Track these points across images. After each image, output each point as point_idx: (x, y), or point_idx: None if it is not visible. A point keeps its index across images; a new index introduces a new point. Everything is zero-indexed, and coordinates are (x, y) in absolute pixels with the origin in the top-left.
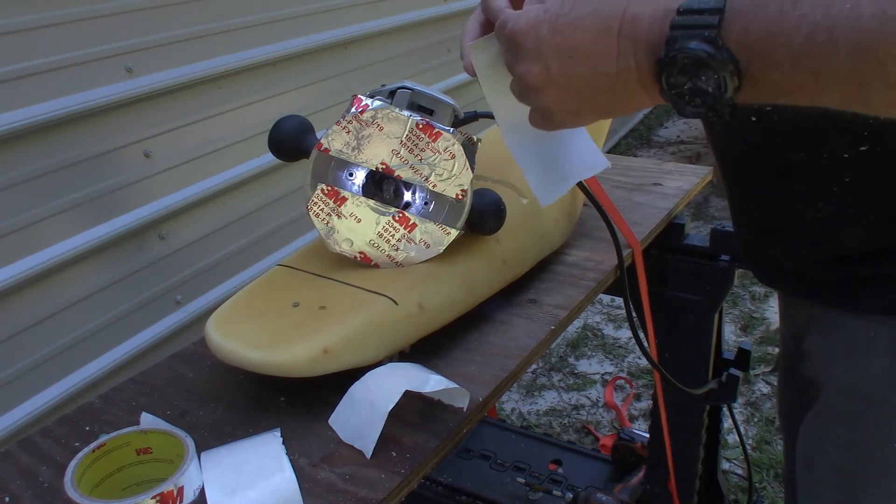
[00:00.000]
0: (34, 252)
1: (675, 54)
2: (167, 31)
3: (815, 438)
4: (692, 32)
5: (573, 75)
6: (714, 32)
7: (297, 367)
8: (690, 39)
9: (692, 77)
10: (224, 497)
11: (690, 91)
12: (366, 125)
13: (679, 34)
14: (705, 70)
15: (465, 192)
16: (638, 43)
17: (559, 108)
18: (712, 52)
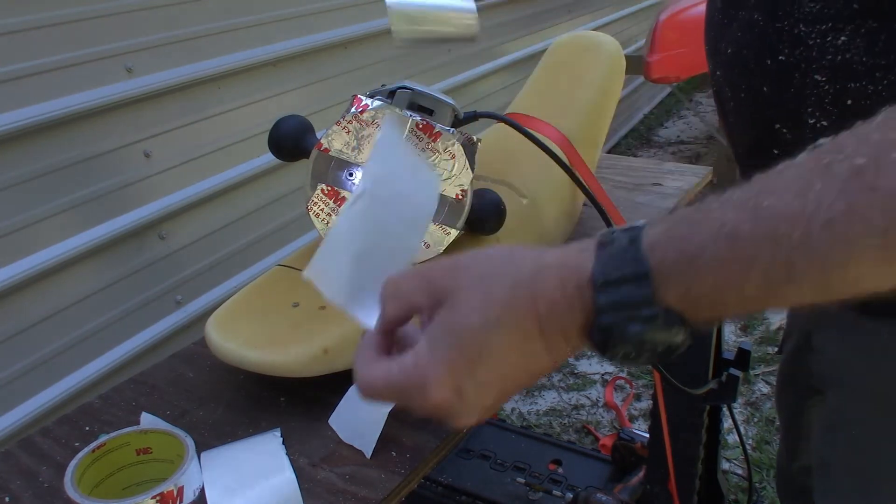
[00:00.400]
0: (34, 252)
1: (615, 339)
2: (167, 31)
3: (831, 439)
4: (625, 314)
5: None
6: (652, 309)
7: (297, 367)
8: (628, 324)
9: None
10: (224, 497)
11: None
12: (366, 125)
13: (610, 321)
14: (650, 342)
15: (465, 193)
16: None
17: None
18: (653, 329)
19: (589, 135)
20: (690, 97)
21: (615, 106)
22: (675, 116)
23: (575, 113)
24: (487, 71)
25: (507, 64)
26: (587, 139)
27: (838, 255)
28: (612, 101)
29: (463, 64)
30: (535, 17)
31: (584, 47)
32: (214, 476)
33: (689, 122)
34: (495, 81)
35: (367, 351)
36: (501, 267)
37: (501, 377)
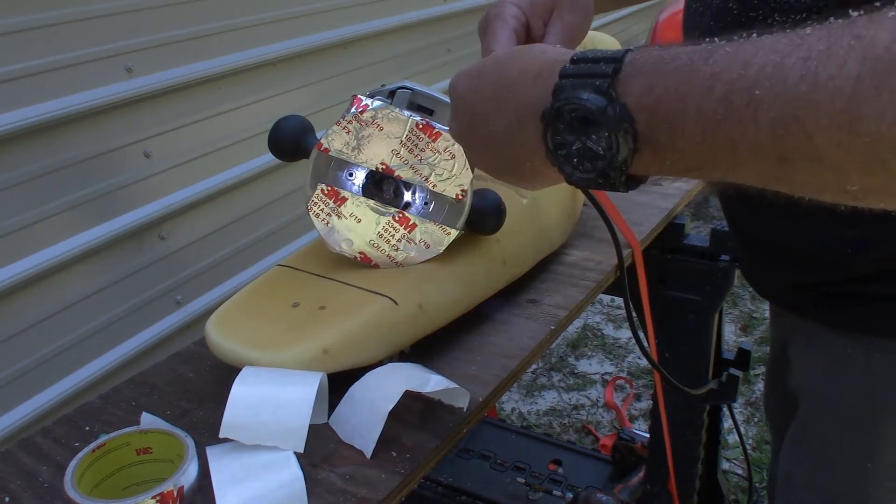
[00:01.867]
0: (34, 252)
1: (561, 105)
2: (167, 31)
3: (794, 453)
4: (582, 81)
5: (475, 132)
6: (606, 83)
7: (297, 367)
8: (579, 89)
9: (580, 135)
10: (230, 486)
11: (578, 153)
12: (366, 125)
13: (567, 83)
14: (595, 127)
15: (465, 193)
16: (526, 98)
17: (477, 161)
18: (603, 105)
19: None
20: None
21: None
22: None
23: None
24: None
25: None
26: None
27: (803, 94)
28: None
29: (463, 64)
30: None
31: (584, 47)
32: (221, 466)
33: None
34: None
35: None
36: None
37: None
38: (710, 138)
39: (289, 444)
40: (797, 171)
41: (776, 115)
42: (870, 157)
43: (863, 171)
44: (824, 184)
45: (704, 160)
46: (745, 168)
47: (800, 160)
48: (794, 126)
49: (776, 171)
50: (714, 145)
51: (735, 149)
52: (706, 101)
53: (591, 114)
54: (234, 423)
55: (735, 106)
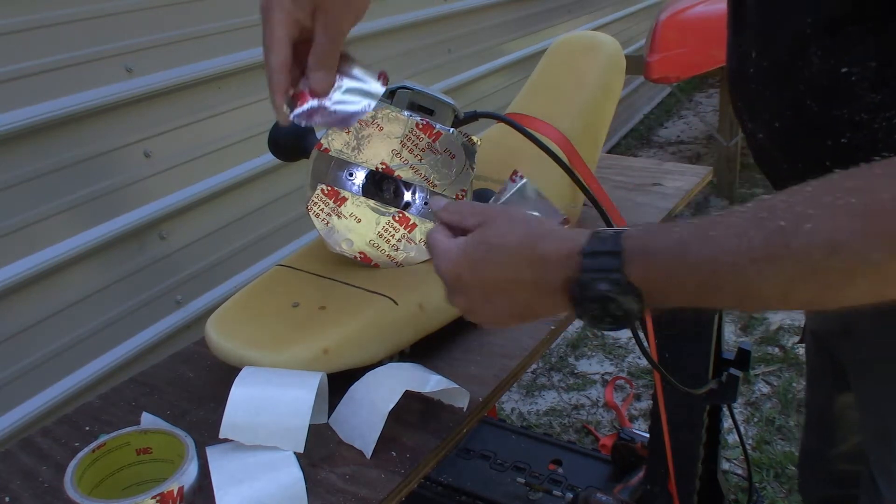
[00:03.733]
0: (34, 252)
1: (588, 293)
2: (167, 31)
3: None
4: (599, 276)
5: (492, 304)
6: (619, 275)
7: (297, 368)
8: (599, 283)
9: (603, 307)
10: (230, 486)
11: (601, 314)
12: (366, 125)
13: (587, 278)
14: (613, 302)
15: (465, 193)
16: (549, 283)
17: (485, 319)
18: (617, 291)
19: (589, 135)
20: (690, 97)
21: (615, 106)
22: (675, 116)
23: (575, 113)
24: (487, 71)
25: (507, 64)
26: (587, 139)
27: (753, 284)
28: (612, 101)
29: (463, 64)
30: (535, 17)
31: (584, 47)
32: (221, 465)
33: (689, 122)
34: (495, 81)
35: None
36: (522, 223)
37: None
38: (695, 301)
39: (289, 445)
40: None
41: (737, 293)
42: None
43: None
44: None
45: (699, 305)
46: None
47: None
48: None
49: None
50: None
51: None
52: (687, 285)
53: (608, 296)
54: (233, 424)
55: (707, 288)
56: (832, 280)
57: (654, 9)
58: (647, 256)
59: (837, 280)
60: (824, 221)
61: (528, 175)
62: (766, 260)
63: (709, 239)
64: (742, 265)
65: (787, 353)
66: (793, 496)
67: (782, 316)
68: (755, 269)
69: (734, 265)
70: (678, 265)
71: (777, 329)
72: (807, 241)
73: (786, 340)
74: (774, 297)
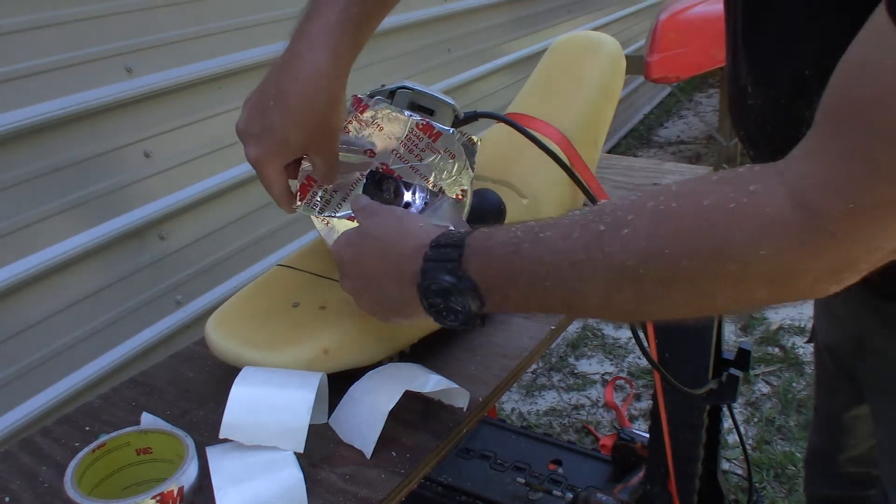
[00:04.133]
0: (34, 252)
1: (429, 283)
2: (167, 31)
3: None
4: (439, 265)
5: (368, 292)
6: (455, 265)
7: (296, 368)
8: (438, 271)
9: (444, 299)
10: (230, 485)
11: (445, 309)
12: (365, 125)
13: (430, 266)
14: (452, 295)
15: (465, 193)
16: (404, 274)
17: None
18: (455, 282)
19: (589, 135)
20: (690, 97)
21: (615, 106)
22: (675, 116)
23: (575, 113)
24: (487, 71)
25: (507, 64)
26: (587, 139)
27: (575, 287)
28: (612, 101)
29: (463, 64)
30: (535, 17)
31: (584, 47)
32: (221, 465)
33: (689, 122)
34: (495, 81)
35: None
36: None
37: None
38: (529, 303)
39: (288, 445)
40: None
41: (563, 296)
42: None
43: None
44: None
45: (535, 311)
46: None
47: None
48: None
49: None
50: (533, 306)
51: (545, 309)
52: (519, 283)
53: (447, 287)
54: (233, 424)
55: (536, 289)
56: (647, 289)
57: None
58: (484, 251)
59: (652, 289)
60: (640, 227)
61: (528, 175)
62: (584, 263)
63: (539, 240)
64: (564, 267)
65: (787, 353)
66: (793, 496)
67: (782, 316)
68: (575, 272)
69: (558, 267)
70: (509, 263)
71: (777, 329)
72: (621, 246)
73: (786, 340)
74: (595, 303)
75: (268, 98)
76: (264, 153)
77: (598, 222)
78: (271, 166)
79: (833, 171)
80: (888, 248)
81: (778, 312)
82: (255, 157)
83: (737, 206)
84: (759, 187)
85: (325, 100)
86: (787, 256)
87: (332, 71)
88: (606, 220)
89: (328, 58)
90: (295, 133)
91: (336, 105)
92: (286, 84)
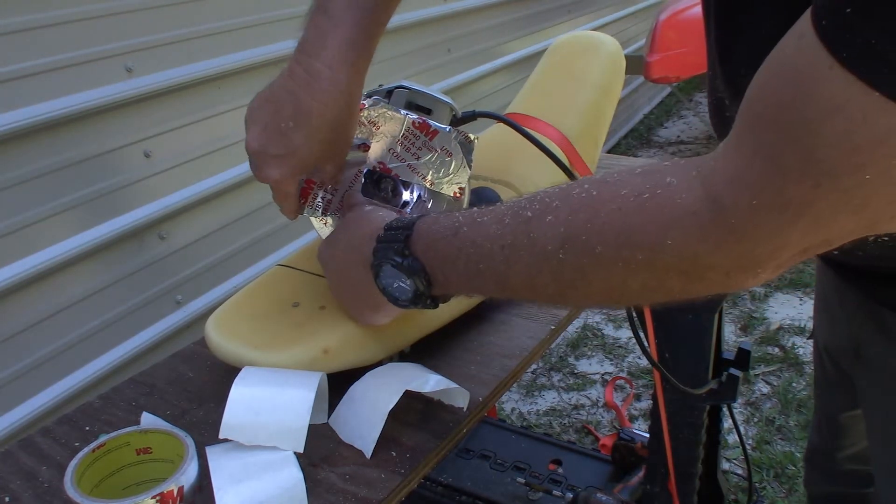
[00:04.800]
0: (34, 252)
1: (379, 262)
2: (167, 31)
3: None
4: (388, 246)
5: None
6: (402, 246)
7: (296, 368)
8: (388, 251)
9: (394, 280)
10: (230, 486)
11: (396, 290)
12: (362, 125)
13: (381, 247)
14: (401, 274)
15: (463, 191)
16: (364, 258)
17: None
18: (401, 262)
19: (589, 135)
20: (690, 97)
21: (615, 106)
22: (675, 116)
23: (575, 113)
24: (487, 71)
25: (507, 64)
26: (587, 139)
27: (504, 270)
28: (612, 101)
29: (463, 64)
30: (535, 17)
31: (584, 47)
32: (220, 465)
33: (689, 122)
34: (495, 81)
35: None
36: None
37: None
38: (469, 284)
39: (288, 445)
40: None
41: (495, 279)
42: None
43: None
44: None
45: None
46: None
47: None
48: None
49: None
50: (473, 288)
51: (482, 290)
52: (458, 265)
53: (395, 266)
54: (233, 424)
55: (472, 271)
56: (566, 274)
57: (654, 9)
58: (429, 234)
59: (571, 274)
60: (562, 214)
61: (527, 175)
62: (511, 247)
63: (476, 224)
64: (494, 251)
65: (787, 353)
66: (793, 496)
67: (782, 316)
68: (503, 255)
69: (490, 250)
70: (449, 245)
71: (777, 329)
72: (543, 232)
73: (786, 340)
74: (522, 286)
75: (285, 118)
76: (287, 173)
77: (528, 208)
78: (291, 184)
79: (745, 167)
80: (798, 247)
81: (778, 312)
82: (276, 178)
83: (651, 196)
84: (675, 179)
85: (347, 115)
86: (693, 248)
87: (354, 89)
88: (535, 207)
89: (349, 74)
90: (318, 151)
91: (355, 117)
92: (308, 104)
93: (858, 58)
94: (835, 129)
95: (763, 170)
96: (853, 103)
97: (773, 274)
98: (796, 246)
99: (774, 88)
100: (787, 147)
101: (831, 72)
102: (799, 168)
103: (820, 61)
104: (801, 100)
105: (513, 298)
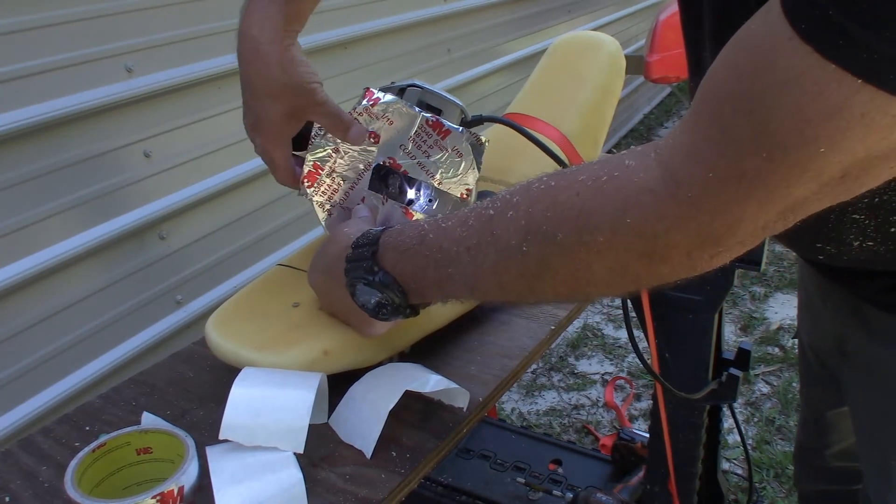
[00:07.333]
0: (34, 252)
1: (352, 282)
2: (167, 31)
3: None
4: (357, 265)
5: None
6: (370, 263)
7: (297, 368)
8: (357, 270)
9: (370, 296)
10: (230, 486)
11: (375, 305)
12: (376, 118)
13: (350, 267)
14: (375, 291)
15: (470, 192)
16: (340, 278)
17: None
18: (372, 279)
19: (589, 135)
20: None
21: (615, 106)
22: (675, 116)
23: (575, 113)
24: (487, 71)
25: (507, 64)
26: (587, 139)
27: (472, 272)
28: (612, 101)
29: (463, 64)
30: (535, 17)
31: (584, 47)
32: (220, 466)
33: None
34: (495, 81)
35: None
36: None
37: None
38: (440, 290)
39: (288, 445)
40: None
41: (465, 282)
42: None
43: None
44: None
45: (449, 297)
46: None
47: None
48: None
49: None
50: (445, 293)
51: (455, 295)
52: (428, 272)
53: (368, 284)
54: (233, 424)
55: (442, 276)
56: (532, 267)
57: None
58: (395, 246)
59: (536, 267)
60: (522, 207)
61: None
62: (477, 248)
63: (441, 229)
64: (461, 253)
65: (787, 353)
66: (793, 496)
67: (782, 316)
68: (470, 257)
69: (457, 253)
70: (416, 254)
71: (777, 329)
72: (505, 227)
73: (786, 340)
74: (491, 286)
75: (244, 92)
76: (264, 141)
77: (490, 207)
78: (277, 152)
79: (702, 139)
80: (757, 222)
81: (778, 312)
82: (260, 149)
83: (609, 179)
84: (633, 162)
85: (276, 63)
86: (652, 226)
87: (272, 36)
88: (497, 205)
89: (264, 27)
90: (272, 108)
91: (289, 64)
92: (243, 68)
93: (816, 29)
94: (789, 101)
95: (719, 142)
96: (808, 75)
97: (736, 252)
98: (753, 220)
99: (735, 60)
100: (742, 118)
101: (790, 43)
102: (752, 140)
103: (780, 32)
104: (759, 70)
105: (485, 300)
